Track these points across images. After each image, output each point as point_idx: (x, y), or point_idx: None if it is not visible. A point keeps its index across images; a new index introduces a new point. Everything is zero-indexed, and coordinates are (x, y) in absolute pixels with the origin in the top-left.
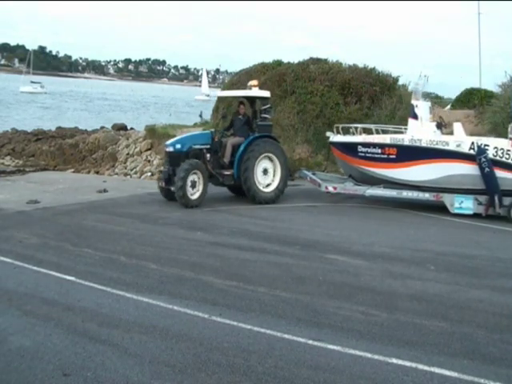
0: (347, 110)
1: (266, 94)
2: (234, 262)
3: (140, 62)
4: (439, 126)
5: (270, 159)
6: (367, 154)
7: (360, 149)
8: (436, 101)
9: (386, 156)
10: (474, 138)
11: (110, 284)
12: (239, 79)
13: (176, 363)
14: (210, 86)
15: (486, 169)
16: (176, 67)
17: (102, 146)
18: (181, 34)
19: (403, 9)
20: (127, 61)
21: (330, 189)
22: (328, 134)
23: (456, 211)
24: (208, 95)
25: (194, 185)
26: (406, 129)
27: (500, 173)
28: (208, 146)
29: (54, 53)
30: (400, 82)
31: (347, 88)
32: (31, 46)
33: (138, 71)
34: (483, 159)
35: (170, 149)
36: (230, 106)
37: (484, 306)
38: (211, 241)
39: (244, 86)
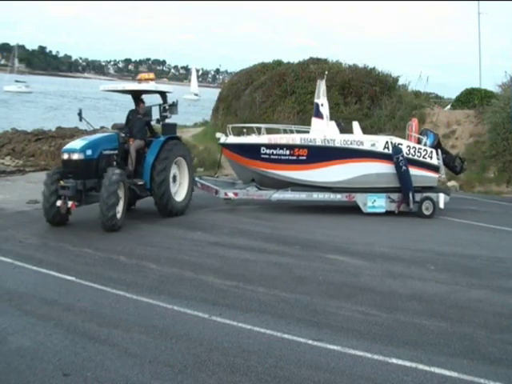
0: (347, 110)
1: (165, 88)
2: (234, 262)
3: (140, 62)
4: (338, 125)
5: (178, 164)
6: (272, 156)
7: (263, 150)
8: (436, 101)
9: (295, 157)
10: (375, 137)
11: (110, 284)
12: (239, 79)
13: (176, 363)
14: (199, 86)
15: (403, 167)
16: (176, 67)
17: None
18: (181, 34)
19: (403, 9)
20: (127, 61)
21: (231, 195)
22: (218, 135)
23: (369, 210)
24: (197, 94)
25: (117, 201)
26: (297, 129)
27: (412, 170)
28: (116, 152)
29: (53, 53)
30: (400, 82)
31: (347, 88)
32: (31, 46)
33: (138, 71)
34: (400, 158)
35: (79, 156)
36: (230, 106)
37: (484, 306)
38: (211, 241)
39: (244, 86)
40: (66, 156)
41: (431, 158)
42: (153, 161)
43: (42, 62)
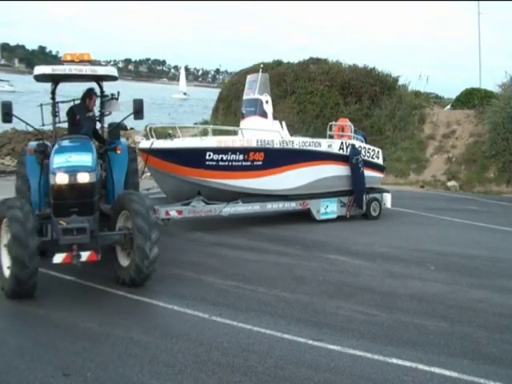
0: (347, 110)
1: (109, 71)
2: (234, 261)
3: (140, 62)
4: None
5: None
6: (221, 163)
7: (210, 156)
8: (436, 101)
9: (249, 163)
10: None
11: (110, 284)
12: (239, 79)
13: (176, 363)
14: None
15: (361, 169)
16: (176, 67)
17: None
18: (181, 34)
19: (403, 9)
20: (127, 61)
21: (173, 214)
22: (138, 138)
23: (322, 217)
24: (185, 93)
25: None
26: (236, 128)
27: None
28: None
29: (53, 53)
30: (400, 82)
31: (347, 88)
32: (31, 46)
33: (138, 71)
34: (360, 159)
35: (91, 177)
36: (230, 106)
37: (484, 306)
38: (211, 241)
39: (244, 86)
40: (66, 178)
41: (378, 158)
42: (126, 175)
43: (42, 62)
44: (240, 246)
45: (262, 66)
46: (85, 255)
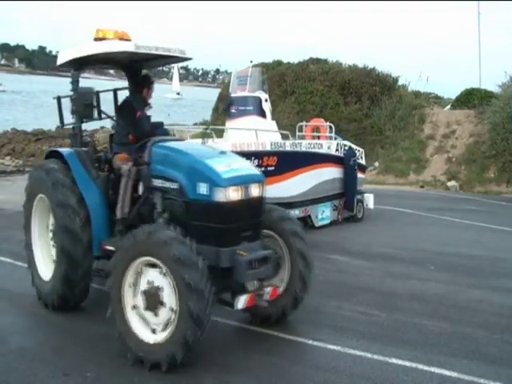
0: (347, 110)
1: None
2: None
3: None
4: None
5: None
6: None
7: None
8: (436, 101)
9: (263, 169)
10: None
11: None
12: None
13: (175, 363)
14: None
15: (356, 170)
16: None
17: (102, 145)
18: (181, 34)
19: (403, 9)
20: None
21: None
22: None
23: (320, 223)
24: (179, 93)
25: None
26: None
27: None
28: None
29: (54, 53)
30: (400, 82)
31: (347, 88)
32: (31, 45)
33: None
34: (356, 160)
35: (258, 191)
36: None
37: (484, 306)
38: None
39: None
40: (240, 193)
41: (362, 158)
42: None
43: (42, 62)
44: None
45: (251, 61)
46: (267, 292)
